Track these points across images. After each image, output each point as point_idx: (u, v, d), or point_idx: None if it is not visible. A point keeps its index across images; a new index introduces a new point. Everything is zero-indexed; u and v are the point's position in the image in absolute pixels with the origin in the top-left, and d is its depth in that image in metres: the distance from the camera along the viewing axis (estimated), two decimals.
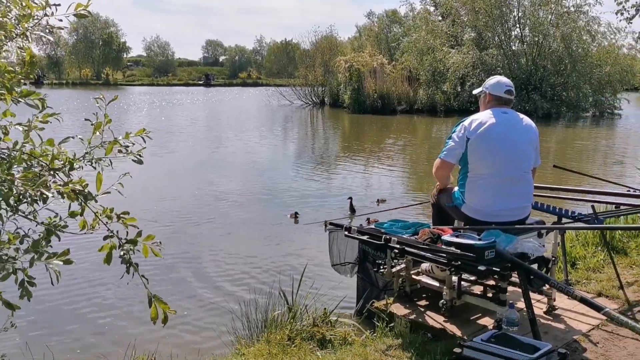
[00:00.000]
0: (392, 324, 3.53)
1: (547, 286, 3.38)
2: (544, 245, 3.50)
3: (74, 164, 2.04)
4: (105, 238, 2.04)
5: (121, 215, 2.09)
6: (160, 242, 2.10)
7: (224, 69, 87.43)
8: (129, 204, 2.04)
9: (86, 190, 2.03)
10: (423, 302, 3.75)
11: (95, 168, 2.09)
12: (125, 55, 78.94)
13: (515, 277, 3.36)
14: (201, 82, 70.48)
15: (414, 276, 3.75)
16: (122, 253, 2.04)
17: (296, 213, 7.61)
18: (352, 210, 7.77)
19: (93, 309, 4.83)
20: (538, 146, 3.64)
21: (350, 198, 7.98)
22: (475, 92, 3.82)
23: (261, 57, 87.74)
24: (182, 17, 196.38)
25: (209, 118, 26.09)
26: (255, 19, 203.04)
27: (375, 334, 3.45)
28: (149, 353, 3.37)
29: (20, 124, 2.11)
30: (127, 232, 2.07)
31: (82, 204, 2.04)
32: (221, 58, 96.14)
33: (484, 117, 3.51)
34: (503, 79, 3.69)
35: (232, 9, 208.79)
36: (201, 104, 35.68)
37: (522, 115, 3.63)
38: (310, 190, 9.65)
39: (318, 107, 33.53)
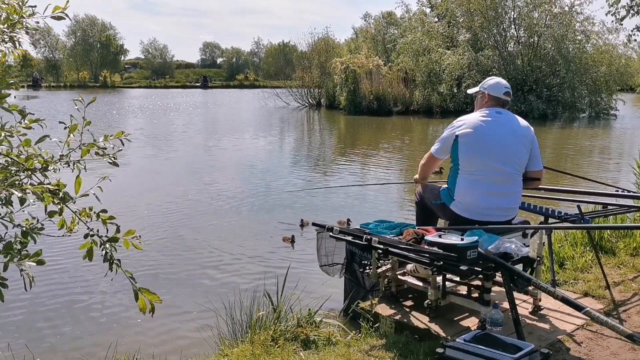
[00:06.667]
0: (377, 325, 3.53)
1: (532, 286, 3.38)
2: (528, 245, 3.50)
3: (49, 165, 2.04)
4: (85, 236, 2.05)
5: (100, 214, 2.09)
6: (140, 236, 2.11)
7: (221, 70, 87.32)
8: (120, 207, 2.05)
9: (62, 192, 2.03)
10: (409, 303, 3.75)
11: (73, 170, 2.09)
12: (122, 58, 78.86)
13: (500, 278, 3.36)
14: (198, 84, 70.45)
15: (400, 277, 3.75)
16: (103, 252, 2.05)
17: (293, 237, 6.81)
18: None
19: (73, 309, 4.84)
20: (536, 149, 3.61)
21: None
22: (470, 91, 3.82)
23: (258, 59, 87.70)
24: (179, 19, 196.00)
25: (206, 120, 26.07)
26: (251, 20, 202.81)
27: (360, 335, 3.44)
28: (130, 354, 3.36)
29: (2, 130, 2.10)
30: (107, 230, 2.08)
31: (60, 205, 2.04)
32: (219, 60, 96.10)
33: (477, 116, 3.54)
34: (502, 80, 3.71)
35: (228, 11, 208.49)
36: (198, 107, 35.65)
37: (518, 118, 3.63)
38: (303, 195, 9.61)
39: (314, 108, 33.51)
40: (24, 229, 2.06)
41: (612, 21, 9.88)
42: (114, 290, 5.10)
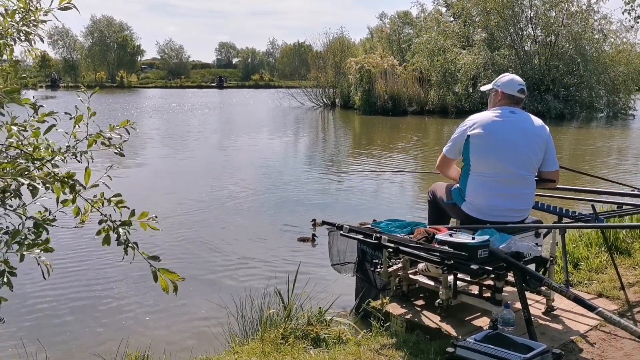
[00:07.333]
0: (388, 324, 3.51)
1: (544, 286, 3.34)
2: (540, 245, 3.46)
3: (56, 156, 2.05)
4: (100, 222, 2.06)
5: (112, 199, 2.10)
6: (156, 217, 2.10)
7: (237, 71, 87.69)
8: (134, 206, 2.05)
9: (72, 180, 2.04)
10: (420, 302, 3.73)
11: (80, 161, 2.11)
12: (139, 59, 79.53)
13: (512, 277, 3.33)
14: (214, 84, 70.83)
15: (411, 276, 3.73)
16: (116, 236, 2.06)
17: (313, 235, 6.70)
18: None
19: (84, 304, 4.88)
20: (552, 150, 3.52)
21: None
22: (484, 88, 3.74)
23: (274, 59, 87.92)
24: (195, 19, 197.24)
25: (221, 120, 26.19)
26: (266, 20, 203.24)
27: (370, 334, 3.43)
28: (141, 350, 3.38)
29: (16, 124, 2.13)
30: (121, 214, 2.09)
31: (73, 194, 2.06)
32: (234, 60, 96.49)
33: (490, 115, 3.47)
34: (516, 77, 3.61)
35: (243, 12, 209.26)
36: (213, 107, 35.82)
37: (533, 117, 3.54)
38: (318, 195, 9.59)
39: (329, 108, 33.51)
40: (36, 221, 2.08)
41: (626, 18, 9.75)
42: (124, 285, 5.15)
